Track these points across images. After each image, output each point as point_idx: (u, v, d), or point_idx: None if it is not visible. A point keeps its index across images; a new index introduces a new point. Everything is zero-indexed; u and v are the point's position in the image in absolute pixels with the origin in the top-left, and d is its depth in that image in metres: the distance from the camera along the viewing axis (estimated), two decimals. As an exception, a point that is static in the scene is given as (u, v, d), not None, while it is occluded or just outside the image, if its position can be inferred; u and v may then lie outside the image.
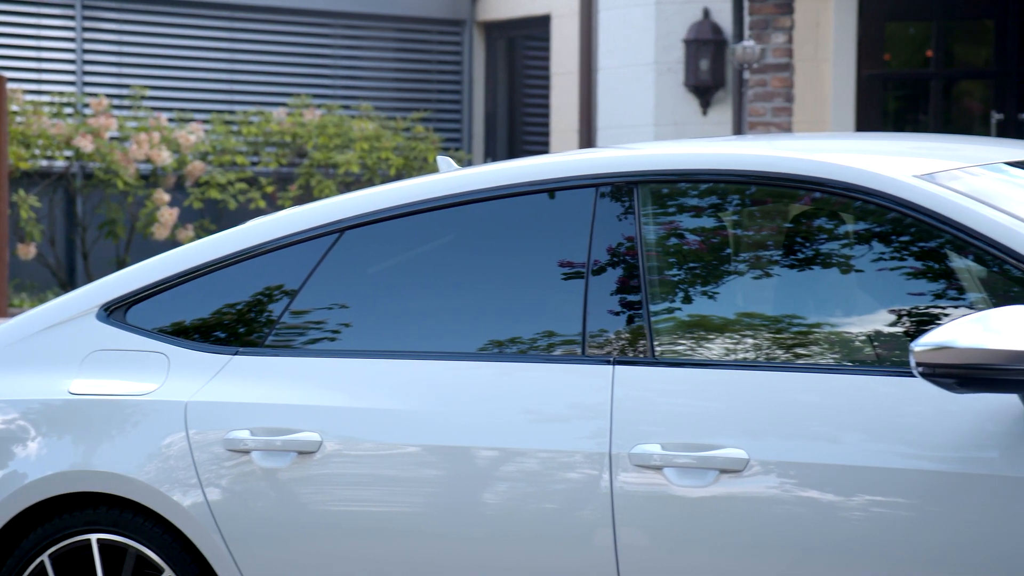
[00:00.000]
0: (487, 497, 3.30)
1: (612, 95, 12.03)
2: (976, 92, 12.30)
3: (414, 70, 13.74)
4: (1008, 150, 3.60)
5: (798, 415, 3.08)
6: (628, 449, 3.22)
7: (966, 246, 3.08)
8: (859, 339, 3.17)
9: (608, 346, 3.33)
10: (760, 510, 3.07)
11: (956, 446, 2.93)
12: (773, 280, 3.32)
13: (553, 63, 12.78)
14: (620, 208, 3.42)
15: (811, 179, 3.26)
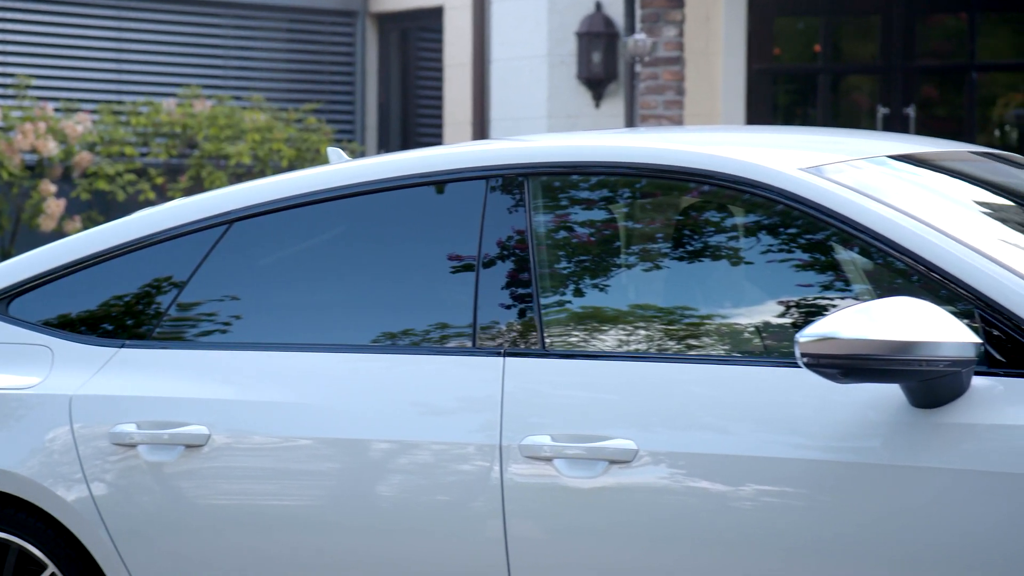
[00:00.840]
0: (380, 489, 3.29)
1: (505, 87, 12.04)
2: (863, 87, 12.47)
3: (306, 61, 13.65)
4: (891, 143, 3.65)
5: (688, 406, 3.10)
6: (518, 441, 3.22)
7: (851, 239, 3.12)
8: (748, 330, 3.20)
9: (499, 338, 3.33)
10: (650, 500, 3.09)
11: (842, 435, 2.96)
12: (664, 272, 3.34)
13: (446, 55, 12.76)
14: (511, 200, 3.42)
15: (700, 172, 3.28)
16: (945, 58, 12.41)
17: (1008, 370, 2.91)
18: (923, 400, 2.92)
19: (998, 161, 3.76)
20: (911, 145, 3.65)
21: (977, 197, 3.48)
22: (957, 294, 2.98)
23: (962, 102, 12.25)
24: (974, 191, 3.51)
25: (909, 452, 2.91)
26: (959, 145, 3.84)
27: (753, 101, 11.99)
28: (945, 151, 3.68)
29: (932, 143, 3.77)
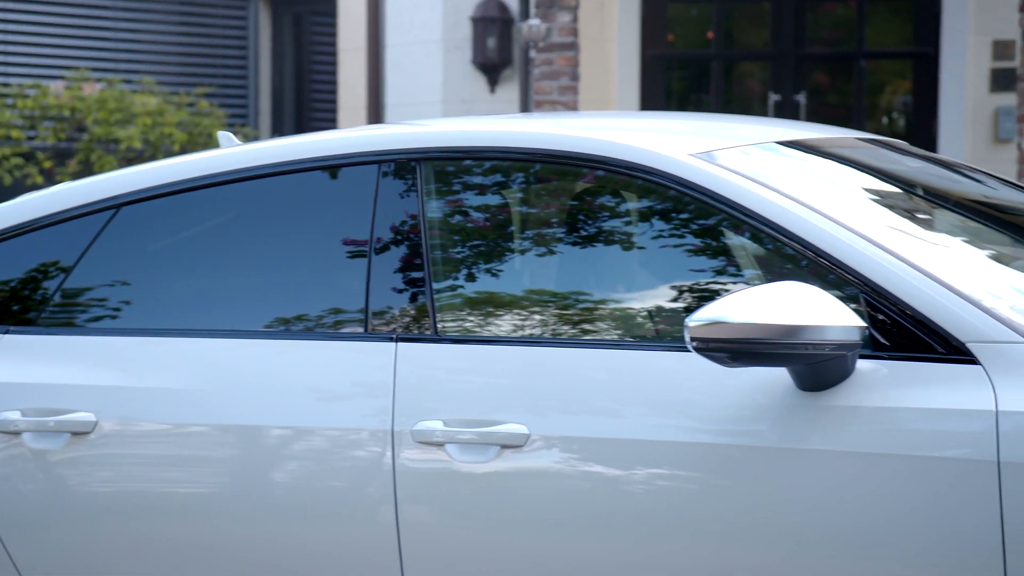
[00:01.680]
0: (273, 476, 3.28)
1: (400, 72, 12.00)
2: (755, 73, 12.58)
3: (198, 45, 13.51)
4: (780, 129, 3.69)
5: (582, 390, 3.11)
6: (410, 426, 3.22)
7: (741, 224, 3.15)
8: (641, 315, 3.22)
9: (392, 324, 3.32)
10: (543, 485, 3.10)
11: (731, 419, 2.99)
12: (558, 257, 3.35)
13: (341, 39, 12.69)
14: (403, 185, 3.41)
15: (592, 157, 3.29)
16: (834, 46, 12.56)
17: (892, 353, 2.95)
18: (810, 383, 2.95)
19: (884, 148, 3.81)
20: (799, 131, 3.69)
21: (864, 183, 3.53)
22: (844, 279, 3.01)
23: (851, 89, 12.41)
24: (861, 177, 3.55)
25: (796, 435, 2.95)
26: (846, 131, 3.89)
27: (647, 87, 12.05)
28: (832, 137, 3.73)
29: (820, 129, 3.82)
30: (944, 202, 3.65)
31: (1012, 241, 3.58)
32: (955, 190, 3.76)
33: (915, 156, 3.83)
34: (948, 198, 3.69)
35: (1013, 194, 3.83)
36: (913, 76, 12.17)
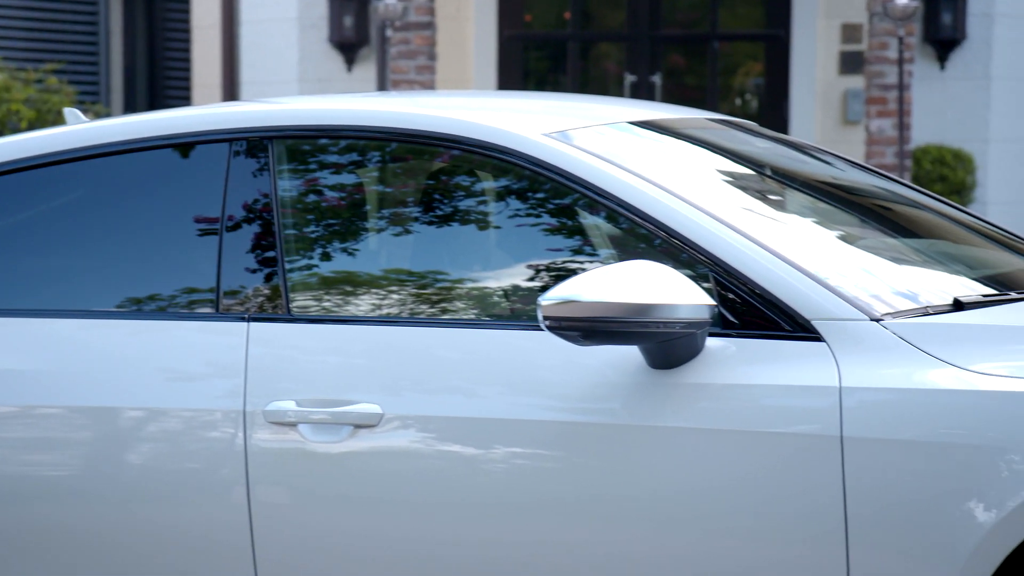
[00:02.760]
0: (128, 458, 3.23)
1: (256, 50, 11.88)
2: (612, 54, 12.67)
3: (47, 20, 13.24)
4: (633, 110, 3.72)
5: (438, 370, 3.11)
6: (263, 407, 3.20)
7: (595, 204, 3.17)
8: (497, 294, 3.23)
9: (244, 303, 3.30)
10: (399, 464, 3.10)
11: (584, 397, 3.02)
12: (413, 237, 3.35)
13: (195, 15, 12.52)
14: (255, 164, 3.38)
15: (447, 136, 3.29)
16: (689, 27, 12.69)
17: (740, 331, 3.00)
18: (660, 361, 2.99)
19: (735, 129, 3.86)
20: (652, 112, 3.72)
21: (714, 164, 3.57)
22: (695, 259, 3.05)
23: (706, 71, 12.56)
24: (712, 158, 3.60)
25: (648, 412, 2.98)
26: (698, 112, 3.93)
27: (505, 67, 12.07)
28: (684, 118, 3.77)
29: (672, 110, 3.86)
30: (793, 183, 3.72)
31: (858, 221, 3.65)
32: (803, 171, 3.82)
33: (765, 137, 3.89)
34: (797, 179, 3.75)
35: (860, 175, 3.91)
36: (765, 58, 12.35)
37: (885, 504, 2.80)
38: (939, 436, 2.78)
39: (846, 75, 12.02)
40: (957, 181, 11.62)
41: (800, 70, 12.04)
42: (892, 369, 2.86)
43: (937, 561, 2.75)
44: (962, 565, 2.73)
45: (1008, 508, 2.70)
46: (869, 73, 10.93)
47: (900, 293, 3.07)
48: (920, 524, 2.77)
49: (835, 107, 12.12)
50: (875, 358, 2.88)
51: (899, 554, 2.78)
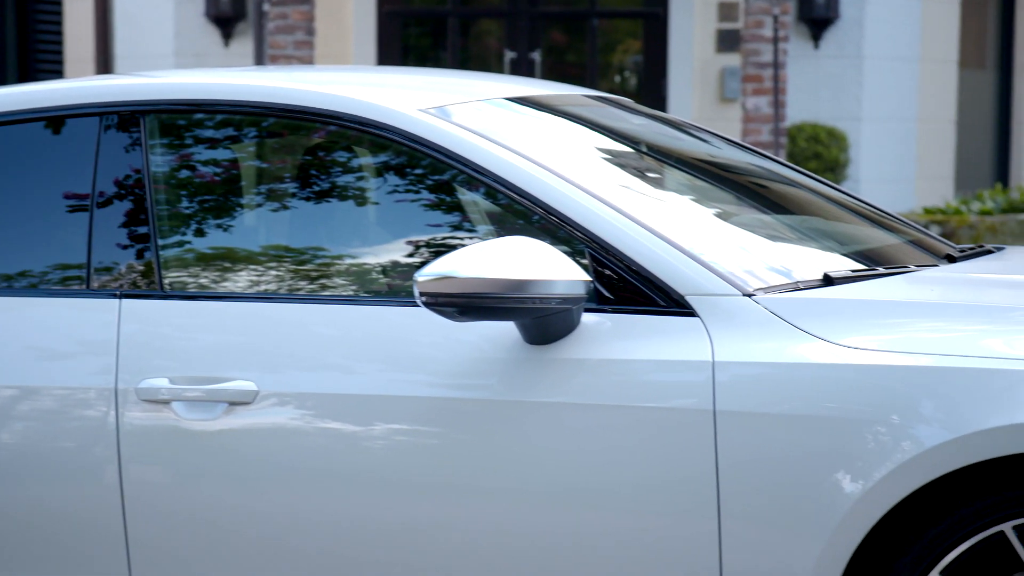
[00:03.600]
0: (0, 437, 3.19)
1: (131, 24, 11.71)
2: (492, 31, 12.67)
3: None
4: (510, 86, 3.72)
5: (315, 346, 3.10)
6: (135, 384, 3.17)
7: (472, 180, 3.17)
8: (376, 271, 3.22)
9: (117, 280, 3.26)
10: (275, 442, 3.08)
11: (462, 373, 3.02)
12: (291, 213, 3.33)
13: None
14: (127, 139, 3.34)
15: (323, 112, 3.27)
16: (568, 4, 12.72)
17: (616, 307, 3.02)
18: (536, 337, 3.00)
19: (612, 105, 3.88)
20: (529, 88, 3.73)
21: (591, 141, 3.59)
22: (572, 235, 3.07)
23: (585, 48, 12.60)
24: (589, 135, 3.62)
25: (524, 388, 2.99)
26: (575, 89, 3.94)
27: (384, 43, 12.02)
28: (561, 94, 3.78)
29: (549, 86, 3.87)
30: (669, 160, 3.75)
31: (732, 198, 3.69)
32: (679, 148, 3.86)
33: (641, 114, 3.92)
34: (672, 156, 3.78)
35: (735, 153, 3.95)
36: (644, 36, 12.43)
37: (756, 476, 2.84)
38: (808, 409, 2.83)
39: (723, 53, 12.14)
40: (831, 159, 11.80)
41: (678, 48, 12.14)
42: (764, 343, 2.90)
43: (806, 532, 2.80)
44: (830, 535, 2.78)
45: (875, 479, 2.76)
46: (745, 51, 11.05)
47: (772, 269, 3.12)
48: (790, 495, 2.81)
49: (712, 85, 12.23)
50: (747, 333, 2.92)
51: (769, 525, 2.83)
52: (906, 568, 2.79)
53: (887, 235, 3.73)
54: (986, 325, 2.87)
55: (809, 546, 2.79)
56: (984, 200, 11.56)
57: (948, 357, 2.78)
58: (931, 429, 2.74)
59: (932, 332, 2.86)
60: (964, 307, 2.98)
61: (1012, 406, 2.70)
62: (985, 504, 2.74)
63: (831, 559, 2.78)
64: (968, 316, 2.92)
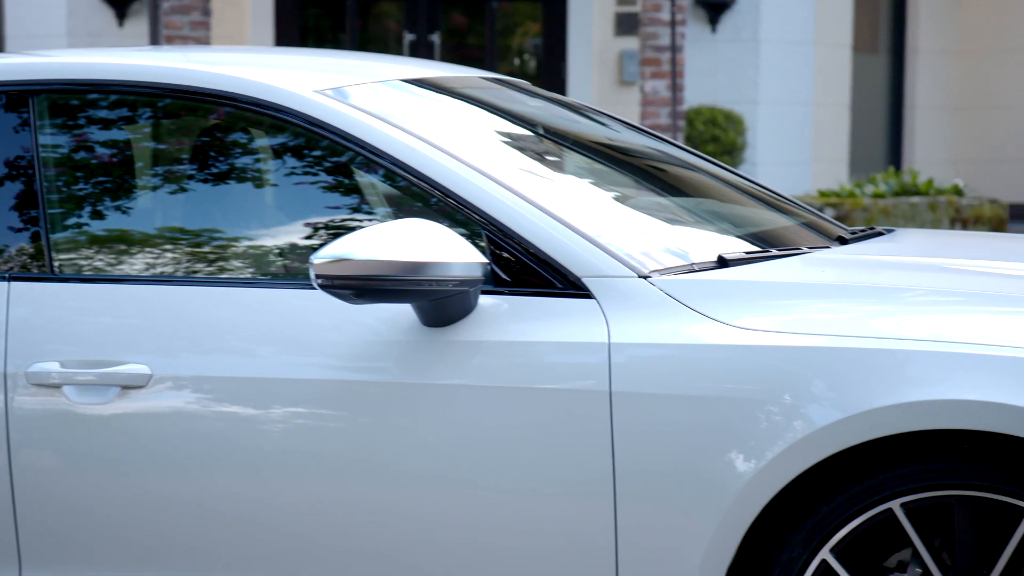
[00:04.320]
0: None
1: (22, 3, 11.52)
2: (391, 12, 12.62)
3: None
4: (407, 68, 3.71)
5: (212, 329, 3.08)
6: (25, 368, 3.13)
7: (369, 162, 3.16)
8: (274, 253, 3.20)
9: (5, 263, 3.21)
10: (170, 425, 3.06)
11: (360, 356, 3.02)
12: (187, 195, 3.30)
13: (-43, -34, 12.08)
14: (16, 119, 3.29)
15: (219, 93, 3.25)
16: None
17: (513, 289, 3.03)
18: (433, 319, 3.00)
19: (510, 88, 3.89)
20: (426, 70, 3.72)
21: (489, 123, 3.59)
22: (470, 218, 3.07)
23: (485, 30, 12.60)
24: (486, 117, 3.62)
25: (421, 370, 2.99)
26: (473, 71, 3.94)
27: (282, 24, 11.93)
28: (459, 76, 3.78)
29: (446, 68, 3.86)
30: (566, 143, 3.76)
31: (629, 181, 3.72)
32: (577, 131, 3.87)
33: (539, 97, 3.93)
34: (570, 139, 3.79)
35: (632, 136, 3.97)
36: (543, 19, 12.44)
37: (651, 457, 2.86)
38: (702, 390, 2.85)
39: (621, 36, 12.19)
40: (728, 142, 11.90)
41: (577, 31, 12.17)
42: (659, 325, 2.92)
43: (700, 511, 2.83)
44: (723, 514, 2.81)
45: (767, 458, 2.79)
46: (643, 35, 11.10)
47: (668, 251, 3.14)
48: (684, 476, 2.84)
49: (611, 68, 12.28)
50: (643, 314, 2.94)
51: (663, 505, 2.85)
52: (798, 545, 2.83)
53: (781, 217, 3.78)
54: (876, 306, 2.91)
55: (703, 525, 2.82)
56: (877, 183, 11.72)
57: (839, 338, 2.82)
58: (822, 409, 2.78)
59: (824, 313, 2.90)
60: (855, 288, 3.02)
61: (901, 385, 2.74)
62: (874, 482, 2.79)
63: (724, 537, 2.82)
64: (859, 297, 2.96)
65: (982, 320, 2.83)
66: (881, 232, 3.86)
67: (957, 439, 2.76)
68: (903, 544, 2.83)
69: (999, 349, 2.73)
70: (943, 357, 2.74)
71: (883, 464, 2.79)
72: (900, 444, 2.79)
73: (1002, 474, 2.71)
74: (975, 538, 2.75)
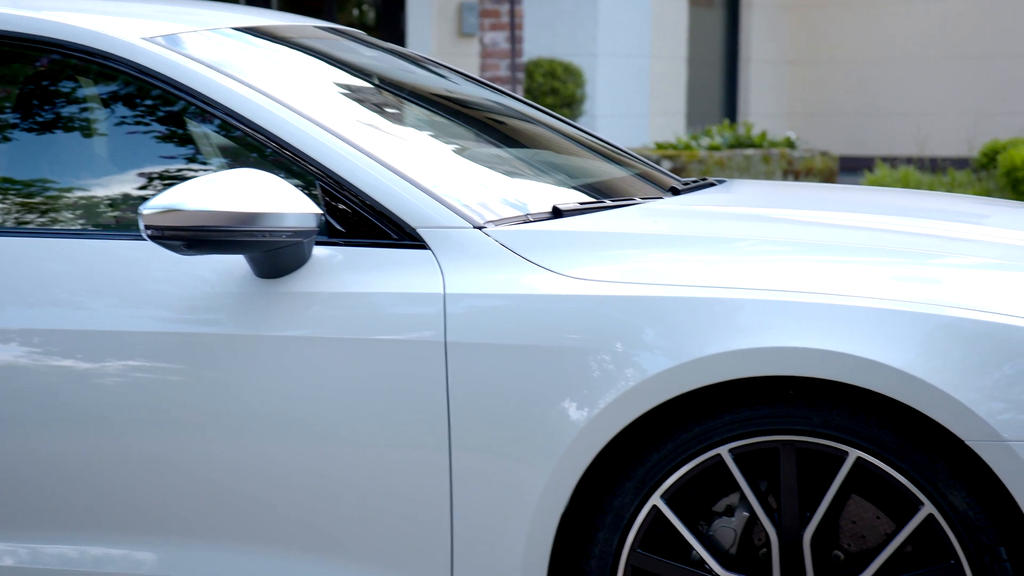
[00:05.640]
0: None
1: None
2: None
3: None
4: (240, 16, 3.66)
5: (41, 281, 3.02)
6: None
7: (203, 112, 3.13)
8: (105, 204, 3.15)
9: None
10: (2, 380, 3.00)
11: (197, 308, 2.99)
12: (14, 145, 3.23)
13: None
14: None
15: (45, 39, 3.18)
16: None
17: (349, 240, 3.02)
18: (267, 270, 2.98)
19: (345, 38, 3.86)
20: (259, 18, 3.67)
21: (323, 73, 3.57)
22: (305, 169, 3.05)
23: (322, -20, 12.47)
24: (320, 67, 3.59)
25: (255, 322, 2.97)
26: (307, 20, 3.91)
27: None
28: (292, 25, 3.74)
29: (280, 17, 3.82)
30: (402, 94, 3.75)
31: (466, 132, 3.72)
32: (414, 82, 3.86)
33: (374, 47, 3.91)
34: (406, 90, 3.78)
35: (470, 88, 3.98)
36: (382, -31, 12.35)
37: (486, 407, 2.88)
38: (537, 339, 2.88)
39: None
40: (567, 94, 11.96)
41: (416, -19, 12.10)
42: (494, 275, 2.94)
43: (534, 459, 2.86)
44: (557, 462, 2.84)
45: (599, 407, 2.82)
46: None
47: (504, 202, 3.15)
48: (519, 425, 2.86)
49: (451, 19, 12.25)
50: (478, 265, 2.95)
51: (498, 454, 2.87)
52: (630, 491, 2.87)
53: (616, 168, 3.81)
54: (708, 255, 2.96)
55: (537, 474, 2.85)
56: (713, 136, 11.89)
57: (671, 287, 2.86)
58: (654, 357, 2.82)
59: (656, 262, 2.94)
60: (687, 238, 3.06)
61: (730, 333, 2.79)
62: (704, 428, 2.84)
63: (558, 486, 2.85)
64: (690, 246, 3.00)
65: (810, 269, 2.89)
66: (713, 183, 3.92)
67: (784, 386, 2.82)
68: (732, 489, 2.89)
69: (826, 297, 2.79)
70: (772, 306, 2.80)
71: (712, 411, 2.84)
72: (730, 391, 2.85)
73: (824, 419, 2.78)
74: (800, 482, 2.81)
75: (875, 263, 2.92)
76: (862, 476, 2.80)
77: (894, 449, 2.75)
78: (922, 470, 2.74)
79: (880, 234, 3.21)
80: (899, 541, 2.77)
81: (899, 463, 2.75)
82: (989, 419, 2.67)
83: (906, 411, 2.77)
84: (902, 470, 2.75)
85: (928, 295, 2.78)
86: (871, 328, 2.74)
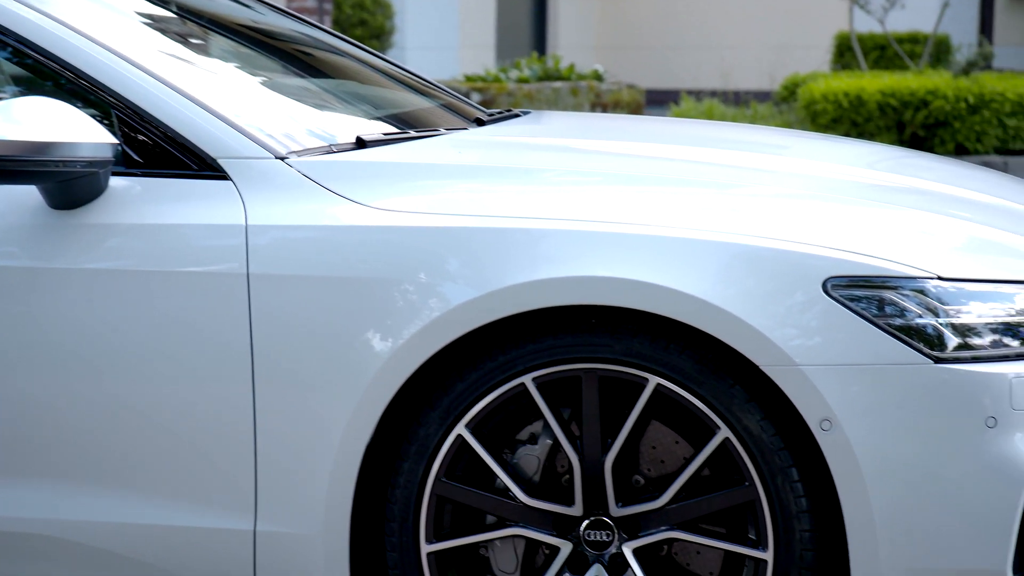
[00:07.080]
0: None
1: None
2: None
3: None
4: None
5: None
6: None
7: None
8: None
9: None
10: None
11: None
12: None
13: None
14: None
15: None
16: None
17: (147, 171, 2.96)
18: (61, 201, 2.91)
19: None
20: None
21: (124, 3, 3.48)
22: (103, 99, 2.98)
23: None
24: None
25: (50, 254, 2.91)
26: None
27: None
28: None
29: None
30: (205, 24, 3.68)
31: (270, 63, 3.67)
32: (217, 12, 3.79)
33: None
34: (209, 20, 3.71)
35: (277, 19, 3.92)
36: None
37: (289, 339, 2.86)
38: (340, 271, 2.86)
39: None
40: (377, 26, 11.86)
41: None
42: (297, 206, 2.91)
43: (338, 391, 2.85)
44: (362, 394, 2.84)
45: (404, 337, 2.82)
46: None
47: (308, 132, 3.12)
48: (322, 357, 2.85)
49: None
50: (281, 196, 2.92)
51: (302, 387, 2.86)
52: (435, 421, 2.88)
53: (421, 100, 3.80)
54: (512, 185, 2.97)
55: (341, 406, 2.84)
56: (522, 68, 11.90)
57: (475, 217, 2.87)
58: (457, 287, 2.82)
59: (460, 193, 2.94)
60: (491, 168, 3.06)
61: (534, 263, 2.81)
62: (508, 358, 2.86)
63: (362, 417, 2.84)
64: (494, 177, 3.01)
65: (613, 199, 2.92)
66: (519, 114, 3.93)
67: (588, 315, 2.85)
68: (536, 417, 2.92)
69: (628, 227, 2.82)
70: (574, 235, 2.82)
71: (516, 341, 2.86)
72: (536, 321, 2.87)
73: (626, 347, 2.82)
74: (603, 409, 2.85)
75: (676, 193, 2.96)
76: (662, 403, 2.84)
77: (693, 376, 2.80)
78: (719, 396, 2.80)
79: (682, 165, 3.26)
80: (696, 464, 2.83)
81: (697, 389, 2.80)
82: (783, 345, 2.73)
83: (705, 338, 2.81)
84: (700, 396, 2.81)
85: (727, 224, 2.83)
86: (671, 257, 2.78)
